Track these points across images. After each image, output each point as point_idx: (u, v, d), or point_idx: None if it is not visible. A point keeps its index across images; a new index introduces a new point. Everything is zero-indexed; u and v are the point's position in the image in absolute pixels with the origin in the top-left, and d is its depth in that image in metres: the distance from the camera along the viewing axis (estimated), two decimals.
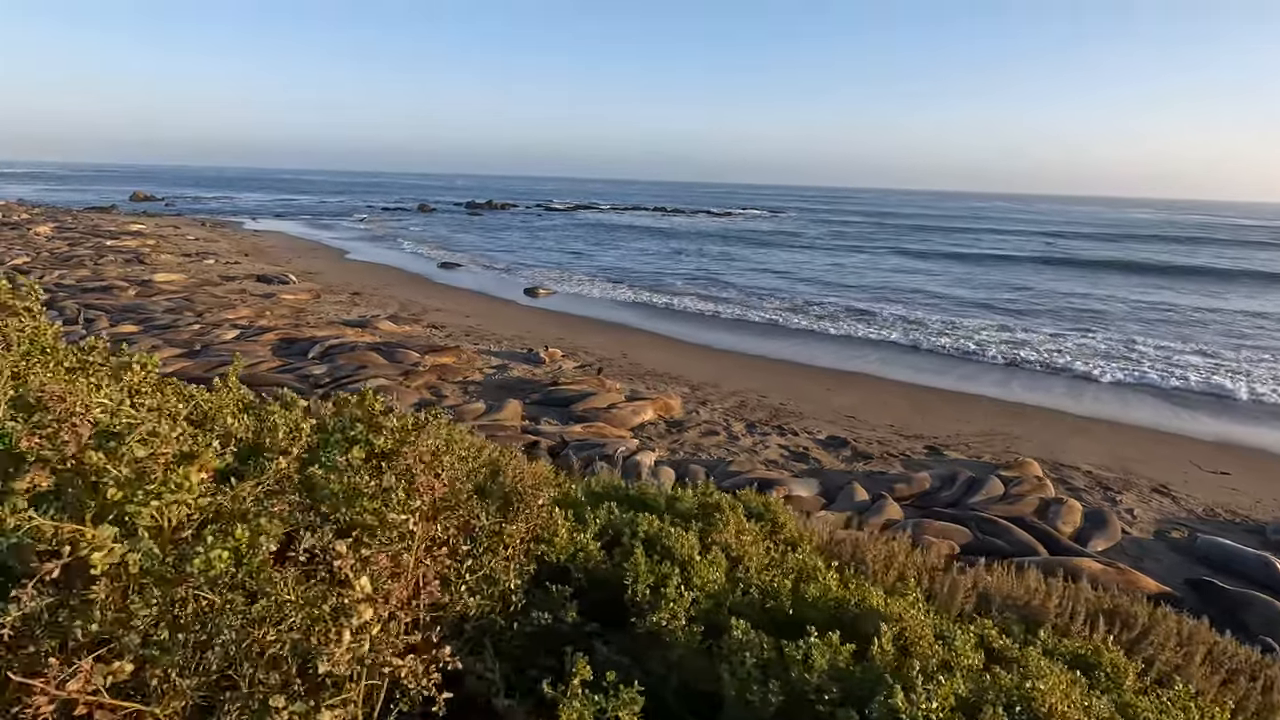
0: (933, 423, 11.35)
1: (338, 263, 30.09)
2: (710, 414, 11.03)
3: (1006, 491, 7.74)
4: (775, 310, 22.35)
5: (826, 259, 38.27)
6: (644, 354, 15.79)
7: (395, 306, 19.72)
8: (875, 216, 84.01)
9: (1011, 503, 7.38)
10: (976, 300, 25.38)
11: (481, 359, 13.65)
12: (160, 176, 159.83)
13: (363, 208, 70.65)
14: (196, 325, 14.27)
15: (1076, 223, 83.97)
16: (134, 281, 19.13)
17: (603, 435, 9.01)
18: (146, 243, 27.42)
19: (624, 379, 12.87)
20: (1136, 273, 34.54)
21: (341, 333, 14.55)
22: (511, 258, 35.47)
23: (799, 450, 9.49)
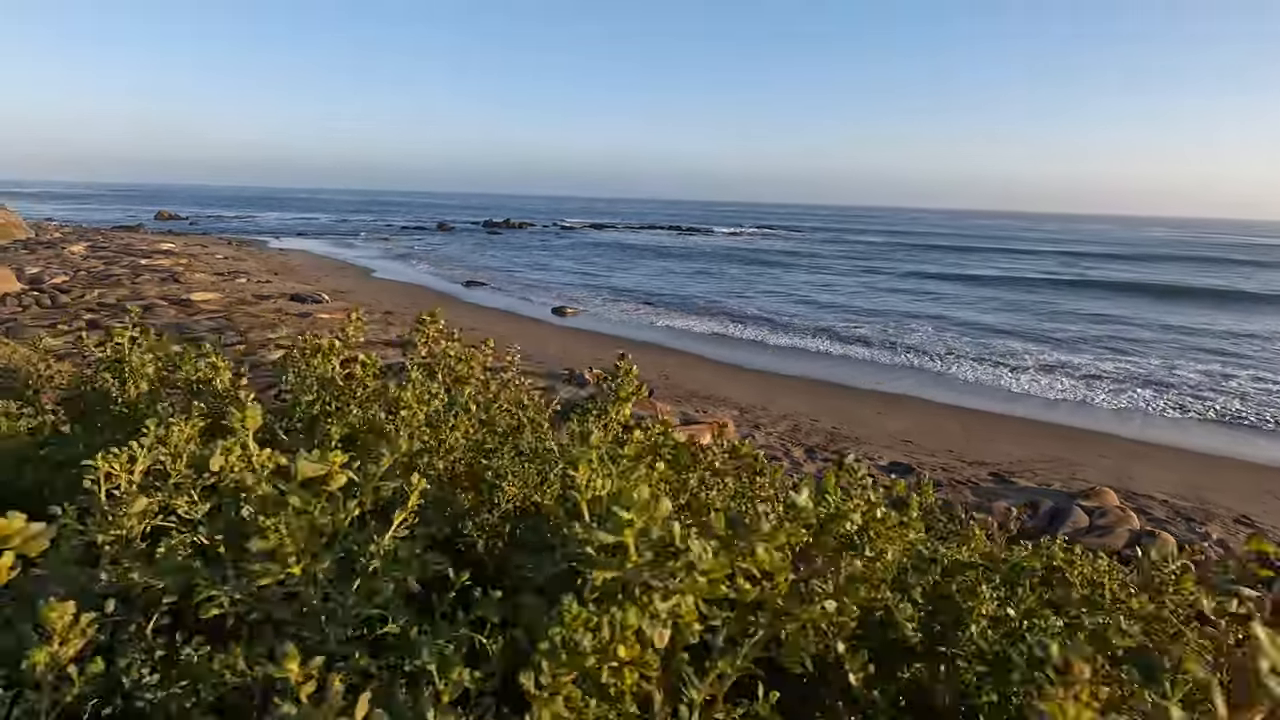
0: (990, 448, 11.15)
1: (365, 281, 30.29)
2: (766, 438, 10.88)
3: (1092, 523, 7.54)
4: (804, 332, 22.22)
5: (849, 280, 38.12)
6: (684, 375, 15.70)
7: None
8: (891, 236, 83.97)
9: (1100, 535, 7.18)
10: (1007, 324, 25.16)
11: (529, 380, 13.54)
12: (180, 195, 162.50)
13: (382, 226, 71.30)
14: (241, 345, 14.28)
15: (1090, 242, 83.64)
16: (173, 300, 19.26)
17: None
18: (179, 262, 27.68)
19: (671, 400, 12.75)
20: (1163, 295, 34.00)
21: (383, 353, 14.52)
22: (534, 277, 35.60)
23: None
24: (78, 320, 16.14)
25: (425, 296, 26.89)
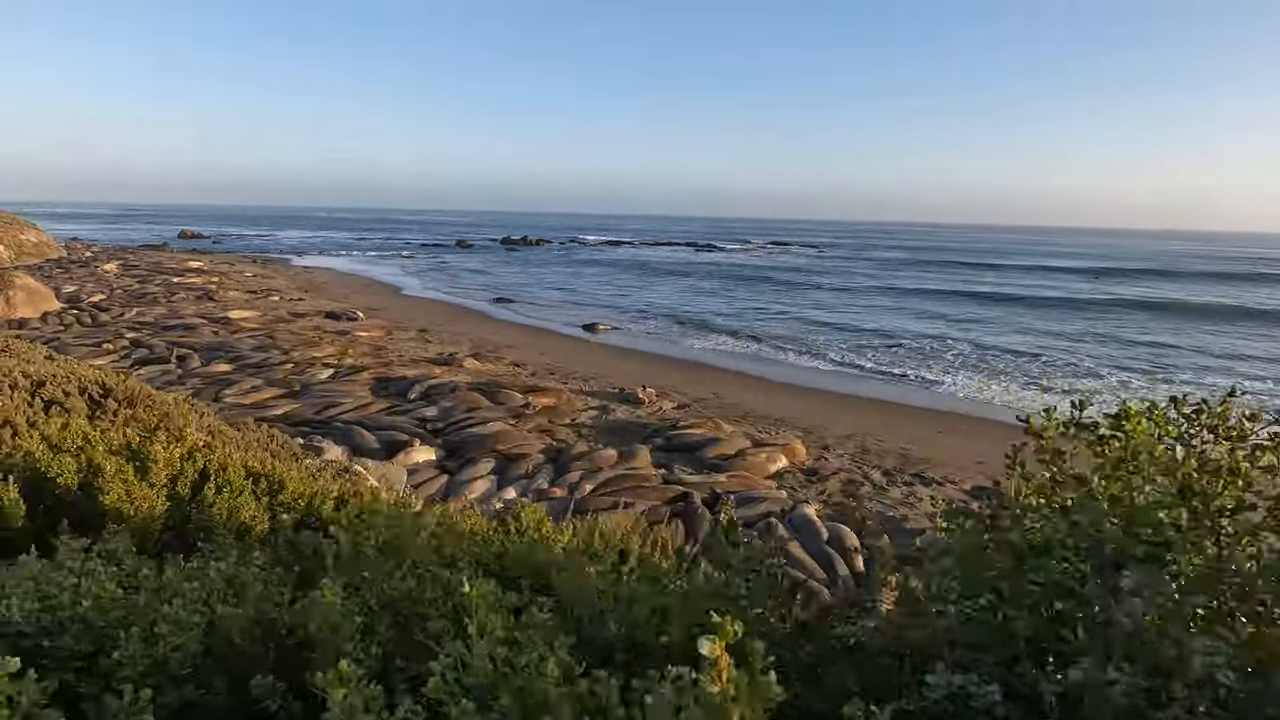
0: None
1: (395, 298, 30.22)
2: (839, 460, 10.50)
3: None
4: (844, 349, 21.85)
5: (876, 297, 37.59)
6: (734, 394, 15.33)
7: (468, 344, 19.51)
8: (910, 252, 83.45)
9: None
10: (1047, 344, 24.67)
11: (580, 400, 13.27)
12: (199, 215, 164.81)
13: (400, 243, 71.69)
14: (289, 365, 14.09)
15: (1109, 256, 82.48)
16: (211, 319, 19.18)
17: (750, 486, 8.51)
18: (211, 280, 27.75)
19: (730, 421, 12.39)
20: (1204, 314, 32.90)
21: (430, 371, 14.30)
22: (560, 294, 35.45)
23: (956, 503, 8.88)
24: (120, 339, 16.05)
25: (457, 314, 26.77)
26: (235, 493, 1.77)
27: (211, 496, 1.78)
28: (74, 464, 1.72)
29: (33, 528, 1.65)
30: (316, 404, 11.33)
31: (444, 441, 9.66)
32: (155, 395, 4.18)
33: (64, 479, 1.72)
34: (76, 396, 3.69)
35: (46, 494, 1.68)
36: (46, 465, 1.75)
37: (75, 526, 1.61)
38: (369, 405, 11.41)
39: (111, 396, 3.82)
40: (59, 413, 3.58)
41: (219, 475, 1.82)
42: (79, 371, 4.17)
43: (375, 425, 10.11)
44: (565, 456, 9.20)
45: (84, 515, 1.71)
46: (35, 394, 3.66)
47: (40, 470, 1.74)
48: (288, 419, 10.57)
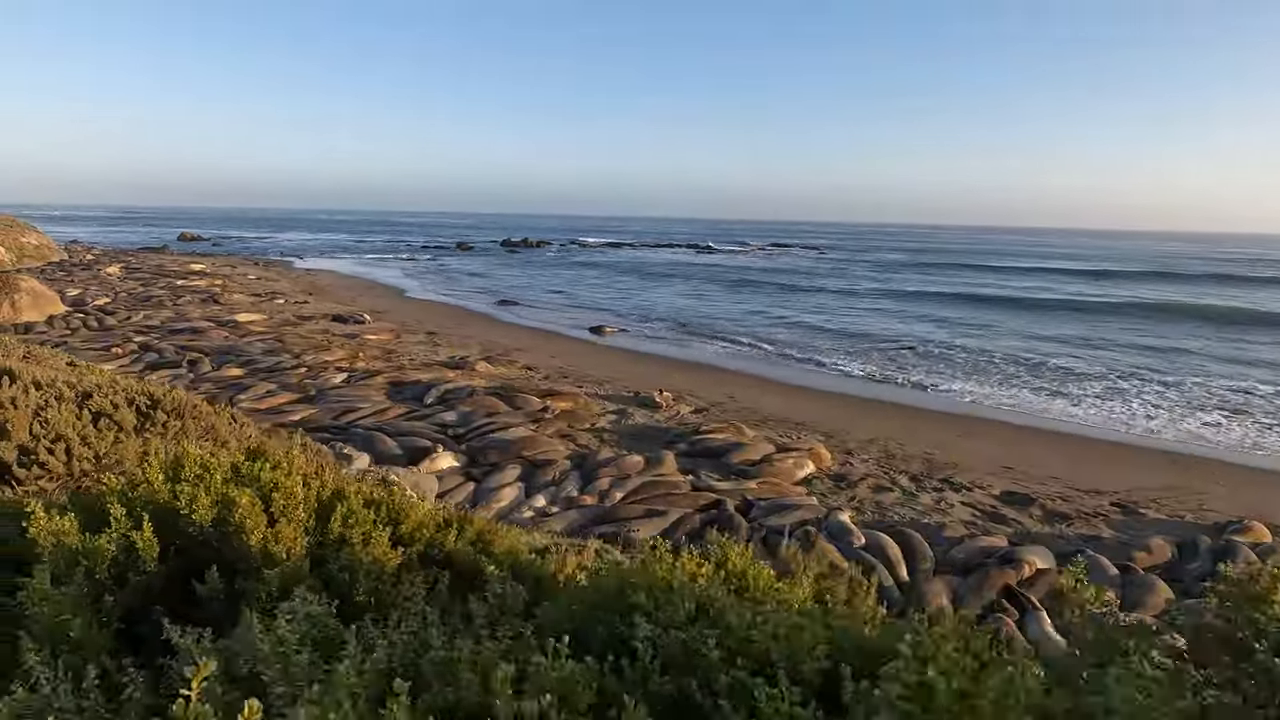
0: (1098, 475, 10.58)
1: (400, 301, 30.07)
2: (865, 466, 10.37)
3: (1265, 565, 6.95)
4: (854, 353, 21.74)
5: (880, 300, 37.50)
6: (750, 397, 15.21)
7: (477, 347, 19.37)
8: (910, 254, 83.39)
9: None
10: (1057, 348, 24.59)
11: (597, 404, 13.13)
12: (198, 217, 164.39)
13: (400, 245, 71.54)
14: (301, 369, 13.93)
15: (1109, 258, 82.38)
16: (218, 322, 19.00)
17: (781, 493, 8.39)
18: (214, 283, 27.56)
19: (751, 425, 12.26)
20: (1208, 317, 32.64)
21: (443, 375, 14.16)
22: (563, 296, 35.31)
23: (987, 509, 8.79)
24: (129, 343, 15.88)
25: (463, 316, 26.62)
26: (364, 526, 1.62)
27: (340, 530, 1.63)
28: (207, 498, 1.58)
29: (166, 570, 1.51)
30: (333, 409, 11.18)
31: (467, 447, 9.51)
32: (201, 405, 4.04)
33: (199, 515, 1.58)
34: (125, 408, 3.54)
35: (167, 529, 1.53)
36: (169, 499, 1.60)
37: (210, 569, 1.47)
38: (386, 410, 11.26)
39: (160, 408, 3.68)
40: (108, 425, 3.44)
41: (341, 505, 1.68)
42: (121, 381, 4.02)
43: (395, 431, 9.96)
44: (591, 462, 9.06)
45: (221, 556, 1.56)
46: (83, 405, 3.52)
47: (164, 504, 1.60)
48: (305, 424, 10.41)
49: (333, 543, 1.61)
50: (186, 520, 1.59)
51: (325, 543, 1.59)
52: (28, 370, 3.90)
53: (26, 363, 5.30)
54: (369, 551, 1.55)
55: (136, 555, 1.49)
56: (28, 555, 1.53)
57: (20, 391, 3.43)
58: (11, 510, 1.89)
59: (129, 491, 1.60)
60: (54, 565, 1.38)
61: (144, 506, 1.60)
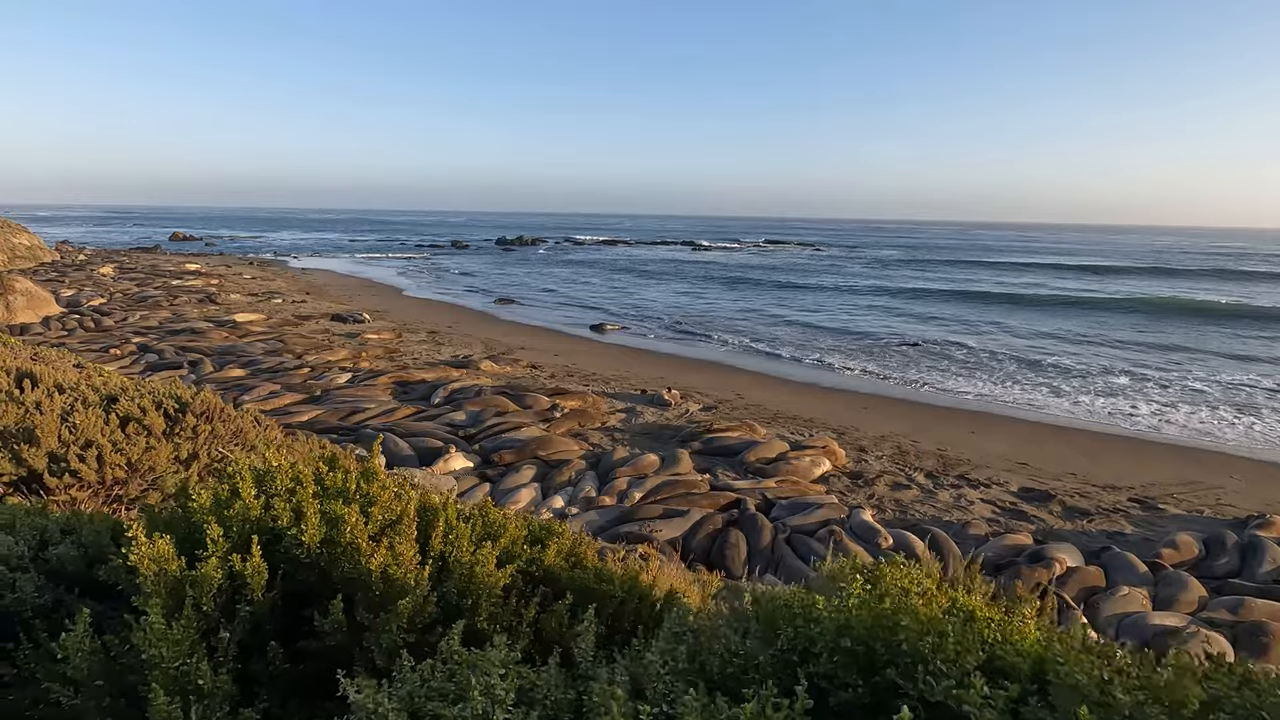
0: (1113, 470, 10.54)
1: (398, 300, 29.84)
2: (880, 463, 10.30)
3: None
4: (857, 350, 21.70)
5: (878, 296, 37.46)
6: (756, 394, 15.13)
7: (480, 345, 19.22)
8: (905, 251, 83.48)
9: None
10: (1053, 345, 24.60)
11: (605, 402, 13.01)
12: (187, 217, 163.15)
13: (395, 244, 71.16)
14: (305, 369, 13.75)
15: (1094, 254, 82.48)
16: (217, 322, 18.77)
17: (800, 491, 8.29)
18: (210, 283, 27.27)
19: (761, 422, 12.18)
20: (1204, 313, 32.46)
21: (448, 374, 14.00)
22: (561, 294, 35.15)
23: (1007, 505, 8.72)
24: (128, 344, 15.64)
25: (462, 315, 26.44)
26: (466, 542, 1.48)
27: (441, 547, 1.48)
28: (316, 517, 1.43)
29: (272, 599, 1.36)
30: (340, 410, 11.01)
31: (480, 448, 9.37)
32: (228, 408, 3.90)
33: (309, 536, 1.43)
34: (153, 412, 3.39)
35: (265, 550, 1.39)
36: (262, 515, 1.45)
37: (320, 597, 1.33)
38: (395, 411, 11.09)
39: (189, 411, 3.53)
40: (137, 430, 3.29)
41: (440, 518, 1.54)
42: (146, 384, 3.87)
43: (406, 432, 9.81)
44: (606, 462, 8.94)
45: (326, 580, 1.41)
46: (110, 410, 3.36)
47: (260, 522, 1.45)
48: (313, 425, 10.25)
49: (433, 561, 1.47)
50: (292, 541, 1.44)
51: (425, 561, 1.45)
52: (49, 373, 3.75)
53: (36, 364, 5.12)
54: (479, 571, 1.42)
55: (243, 583, 1.34)
56: (114, 579, 1.39)
57: (44, 395, 3.28)
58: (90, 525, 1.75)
59: (224, 508, 1.46)
60: (157, 595, 1.24)
61: (241, 525, 1.46)
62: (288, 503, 1.49)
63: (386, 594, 1.35)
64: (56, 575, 1.56)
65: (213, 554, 1.33)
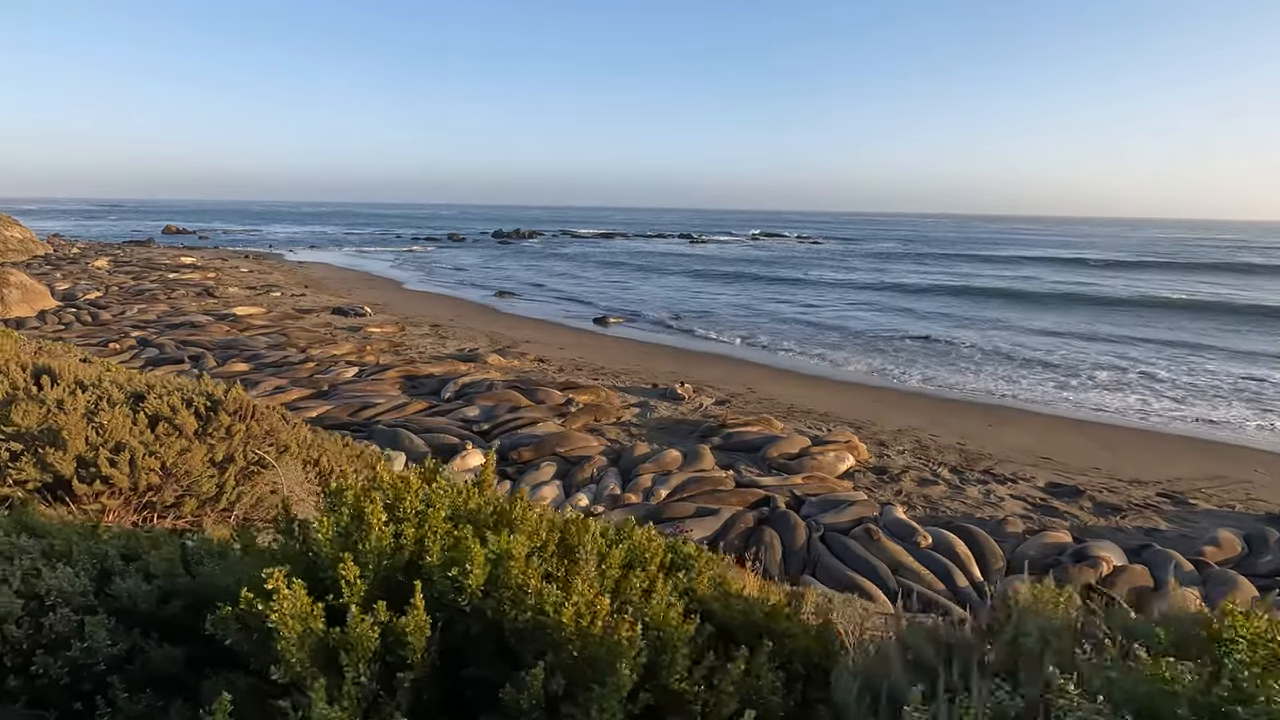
0: (1137, 465, 10.38)
1: (397, 293, 29.51)
2: (902, 458, 10.12)
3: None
4: (861, 343, 21.55)
5: (879, 290, 37.24)
6: (768, 388, 14.94)
7: (485, 339, 18.97)
8: (903, 243, 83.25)
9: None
10: (1061, 340, 24.50)
11: (617, 396, 12.79)
12: (179, 210, 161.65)
13: (391, 238, 70.61)
14: (310, 363, 13.46)
15: (1090, 247, 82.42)
16: (217, 316, 18.43)
17: (828, 488, 8.09)
18: (207, 276, 26.86)
19: (779, 417, 11.97)
20: (1208, 309, 31.92)
21: (456, 368, 13.74)
22: (561, 287, 34.86)
23: (1037, 501, 8.55)
24: (126, 338, 15.31)
25: (463, 308, 26.15)
26: (638, 579, 1.22)
27: (630, 584, 1.21)
28: (480, 553, 1.17)
29: (431, 660, 1.10)
30: (349, 405, 10.75)
31: (497, 444, 9.12)
32: (259, 405, 3.65)
33: (472, 580, 1.16)
34: (184, 411, 3.14)
35: (403, 593, 1.13)
36: (392, 547, 1.18)
37: (485, 654, 1.08)
38: (405, 406, 10.84)
39: (222, 409, 3.27)
40: (168, 431, 3.03)
41: (579, 542, 1.29)
42: (173, 380, 3.62)
43: (420, 428, 9.56)
44: (627, 459, 8.72)
45: (492, 632, 1.14)
46: (137, 409, 3.11)
47: (394, 559, 1.19)
48: (322, 421, 9.99)
49: (656, 609, 1.20)
50: (447, 584, 1.18)
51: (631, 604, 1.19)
52: (69, 369, 3.49)
53: (26, 357, 4.85)
54: (671, 615, 1.16)
55: (399, 640, 1.08)
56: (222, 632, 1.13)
57: (66, 393, 3.02)
58: (157, 551, 1.49)
59: (351, 540, 1.21)
60: (301, 662, 1.01)
61: (376, 563, 1.19)
62: (418, 529, 1.24)
63: (587, 655, 1.09)
64: (126, 615, 1.32)
65: (350, 601, 1.08)
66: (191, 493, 2.90)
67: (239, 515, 3.01)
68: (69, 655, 1.19)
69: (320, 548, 1.24)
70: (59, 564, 1.35)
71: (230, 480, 3.01)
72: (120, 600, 1.34)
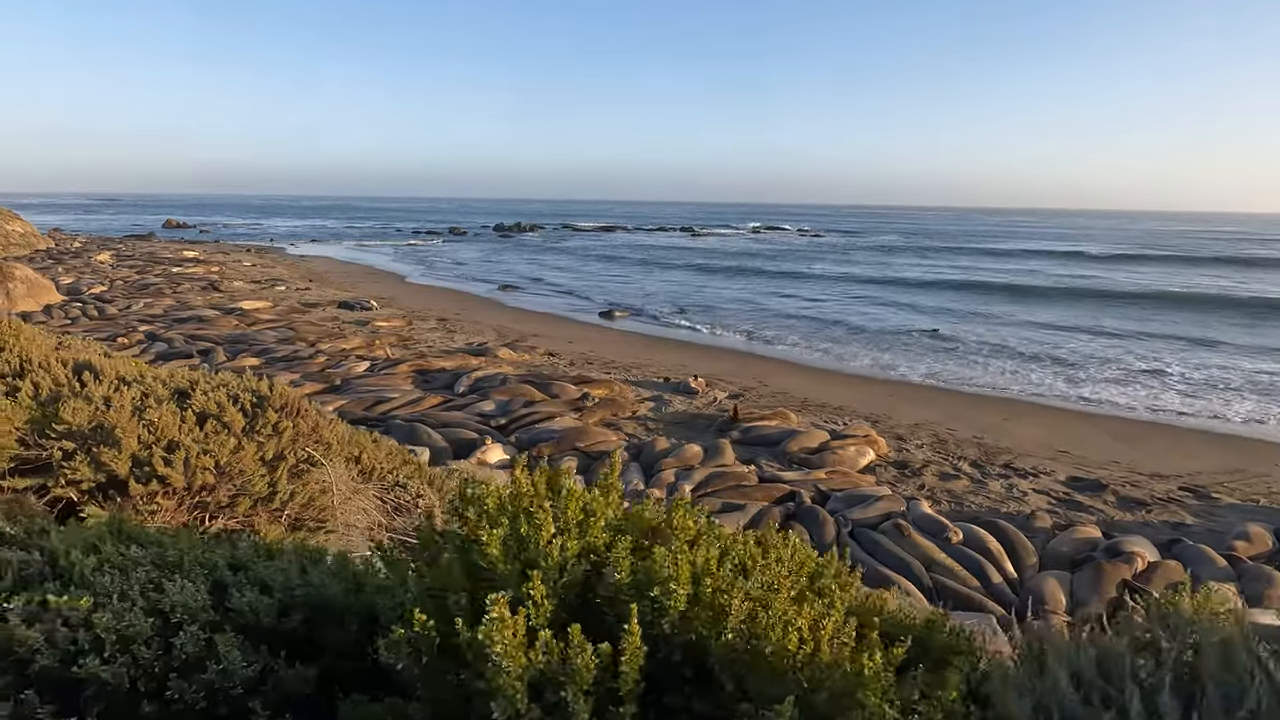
0: (1156, 459, 10.34)
1: (402, 287, 29.41)
2: (921, 452, 10.07)
3: None
4: (867, 336, 21.49)
5: (879, 283, 37.11)
6: (779, 381, 14.89)
7: (493, 332, 18.89)
8: (904, 237, 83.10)
9: None
10: (1061, 334, 24.44)
11: (632, 390, 12.73)
12: (178, 204, 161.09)
13: (392, 231, 70.39)
14: (320, 357, 13.39)
15: (1091, 240, 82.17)
16: (224, 310, 18.33)
17: (852, 483, 8.04)
18: (212, 269, 26.74)
19: (793, 410, 11.92)
20: (1213, 302, 31.79)
21: (467, 363, 13.67)
22: (564, 280, 34.77)
23: (1061, 496, 8.50)
24: (134, 333, 15.22)
25: (469, 301, 26.07)
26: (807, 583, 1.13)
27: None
28: (685, 569, 1.06)
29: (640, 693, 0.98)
30: (363, 400, 10.68)
31: (515, 439, 9.07)
32: (303, 402, 3.58)
33: (673, 603, 1.04)
34: (231, 408, 3.06)
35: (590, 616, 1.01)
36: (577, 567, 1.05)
37: (688, 684, 0.99)
38: (420, 401, 10.77)
39: (269, 405, 3.20)
40: (216, 428, 2.96)
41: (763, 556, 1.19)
42: (215, 376, 3.55)
43: (437, 422, 9.50)
44: (648, 454, 8.66)
45: (695, 658, 1.03)
46: (184, 406, 3.03)
47: (571, 575, 1.07)
48: (338, 417, 9.91)
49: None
50: (649, 604, 1.08)
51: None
52: (110, 364, 3.42)
53: (60, 353, 4.78)
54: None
55: (608, 669, 0.99)
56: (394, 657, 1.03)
57: (112, 390, 2.94)
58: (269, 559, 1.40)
59: (524, 552, 1.12)
60: (520, 699, 0.91)
61: (554, 580, 1.09)
62: (579, 538, 1.15)
63: (831, 687, 0.99)
64: (250, 631, 1.23)
65: (538, 624, 1.00)
66: (245, 492, 2.83)
67: (290, 515, 2.95)
68: (204, 678, 1.12)
69: (496, 564, 1.14)
70: (176, 576, 1.28)
71: (282, 479, 2.95)
72: (243, 615, 1.26)
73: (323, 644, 1.27)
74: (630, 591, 1.11)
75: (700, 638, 1.09)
